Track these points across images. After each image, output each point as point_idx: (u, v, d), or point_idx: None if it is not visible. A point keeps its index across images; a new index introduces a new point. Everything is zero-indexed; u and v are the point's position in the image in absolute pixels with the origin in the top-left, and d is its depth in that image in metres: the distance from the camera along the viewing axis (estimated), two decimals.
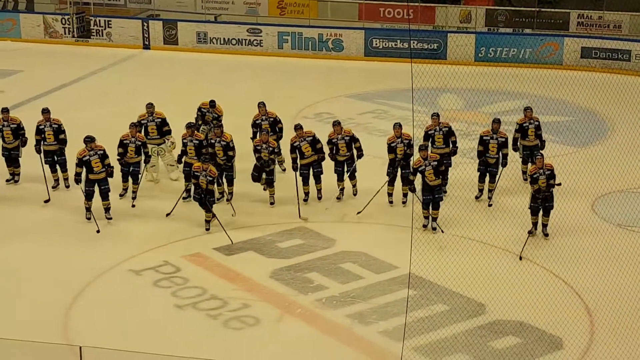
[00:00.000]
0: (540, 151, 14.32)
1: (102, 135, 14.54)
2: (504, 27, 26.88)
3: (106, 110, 20.67)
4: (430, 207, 13.84)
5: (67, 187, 15.53)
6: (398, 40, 25.92)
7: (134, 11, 29.31)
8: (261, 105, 16.15)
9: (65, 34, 27.71)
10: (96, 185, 14.15)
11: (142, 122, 15.62)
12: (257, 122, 16.03)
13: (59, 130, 15.33)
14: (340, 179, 15.08)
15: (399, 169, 14.62)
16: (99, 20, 27.68)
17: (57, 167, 15.45)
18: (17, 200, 15.33)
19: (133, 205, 14.92)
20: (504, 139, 14.80)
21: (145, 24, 27.41)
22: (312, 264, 13.13)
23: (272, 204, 14.98)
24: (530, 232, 13.61)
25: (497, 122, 14.93)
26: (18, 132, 15.38)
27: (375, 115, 20.61)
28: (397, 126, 14.69)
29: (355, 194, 15.21)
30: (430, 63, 22.04)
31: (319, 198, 15.09)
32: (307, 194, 14.99)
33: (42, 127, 15.30)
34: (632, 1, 26.09)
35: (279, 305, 12.02)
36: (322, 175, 15.03)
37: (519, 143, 15.47)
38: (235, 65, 25.27)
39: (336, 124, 15.12)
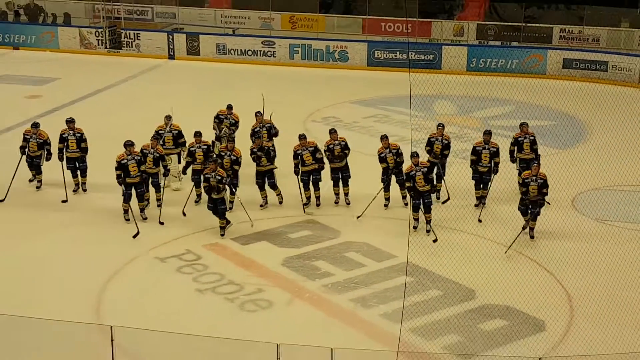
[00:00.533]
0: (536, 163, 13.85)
1: (132, 136, 14.52)
2: (493, 40, 26.84)
3: (135, 114, 20.70)
4: (423, 211, 13.47)
5: (85, 190, 15.31)
6: (398, 52, 25.89)
7: (160, 25, 29.32)
8: (258, 114, 15.90)
9: (98, 45, 27.74)
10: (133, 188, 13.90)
11: (160, 132, 15.23)
12: (255, 130, 15.68)
13: (81, 139, 15.01)
14: (335, 185, 14.73)
15: (393, 176, 14.34)
16: (129, 33, 27.71)
17: (78, 172, 15.19)
18: (43, 201, 15.19)
19: (159, 214, 14.33)
20: (495, 149, 14.36)
21: (171, 37, 27.43)
22: (319, 253, 13.12)
23: (280, 202, 14.76)
24: (524, 227, 13.27)
25: (488, 133, 14.53)
26: (44, 145, 15.14)
27: (377, 119, 20.59)
28: (384, 138, 14.41)
29: (348, 204, 14.75)
30: (426, 72, 22.01)
31: (317, 205, 14.70)
32: (308, 198, 14.67)
33: (66, 135, 14.99)
34: (609, 17, 26.03)
35: (289, 289, 12.02)
36: (320, 183, 14.67)
37: (515, 155, 14.91)
38: (251, 73, 25.26)
39: (332, 131, 14.80)
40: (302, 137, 14.69)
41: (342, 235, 13.70)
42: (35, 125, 15.23)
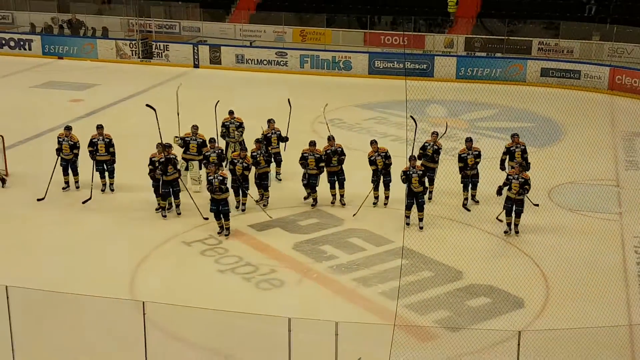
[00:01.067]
0: (526, 172, 13.05)
1: (162, 135, 14.45)
2: (479, 51, 26.76)
3: (165, 115, 20.64)
4: (416, 209, 13.10)
5: (112, 190, 14.91)
6: (395, 62, 25.79)
7: (186, 37, 29.32)
8: (271, 121, 15.53)
9: (132, 55, 27.73)
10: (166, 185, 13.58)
11: (186, 139, 14.84)
12: (267, 135, 15.35)
13: (109, 144, 14.64)
14: (332, 187, 14.28)
15: (382, 177, 13.97)
16: (159, 45, 27.68)
17: (106, 174, 14.82)
18: (80, 198, 15.04)
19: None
20: (477, 152, 13.97)
21: (196, 48, 27.40)
22: (326, 238, 13.11)
23: (265, 205, 14.13)
24: (505, 232, 12.93)
25: (469, 140, 14.05)
26: (73, 148, 14.72)
27: (376, 121, 20.54)
28: (374, 143, 14.09)
29: (343, 204, 14.29)
30: (420, 80, 22.08)
31: (313, 205, 14.23)
32: (309, 194, 14.34)
33: (96, 140, 14.64)
34: (582, 31, 25.93)
35: (299, 270, 12.02)
36: (317, 187, 14.18)
37: (506, 164, 14.13)
38: (266, 81, 25.22)
39: (330, 138, 14.25)
40: (312, 144, 14.22)
41: (345, 223, 13.68)
42: (68, 128, 15.03)
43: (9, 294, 8.63)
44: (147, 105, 14.14)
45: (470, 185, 14.23)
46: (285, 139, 15.62)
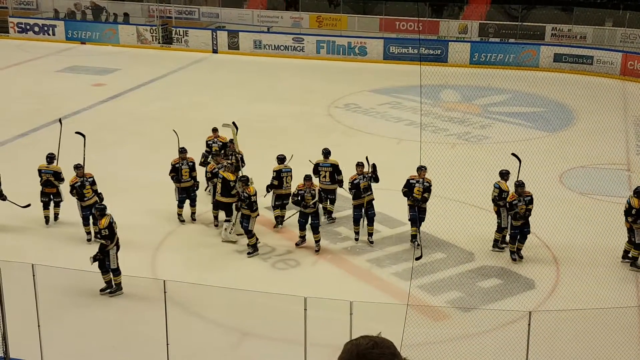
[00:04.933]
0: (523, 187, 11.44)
1: (181, 119, 14.54)
2: (493, 37, 26.51)
3: (184, 99, 20.77)
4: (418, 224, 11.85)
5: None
6: (410, 47, 25.64)
7: (205, 23, 29.28)
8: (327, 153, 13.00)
9: (152, 41, 27.76)
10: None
11: (209, 142, 14.04)
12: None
13: (193, 168, 12.87)
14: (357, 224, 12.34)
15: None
16: (179, 31, 27.68)
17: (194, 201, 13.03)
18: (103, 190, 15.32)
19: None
20: (428, 184, 11.80)
21: (214, 34, 27.37)
22: (340, 220, 13.09)
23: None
24: (514, 260, 11.48)
25: (423, 169, 11.80)
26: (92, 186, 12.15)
27: (391, 105, 20.46)
28: (422, 169, 11.73)
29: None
30: (434, 65, 21.95)
31: (317, 251, 12.07)
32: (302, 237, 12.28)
33: (179, 165, 12.75)
34: (595, 17, 25.62)
35: (314, 252, 12.04)
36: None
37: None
38: (283, 66, 25.19)
39: (307, 178, 11.95)
40: (307, 179, 11.92)
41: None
42: (78, 167, 12.15)
43: (35, 272, 8.74)
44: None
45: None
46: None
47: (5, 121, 18.45)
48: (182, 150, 12.83)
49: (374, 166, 12.02)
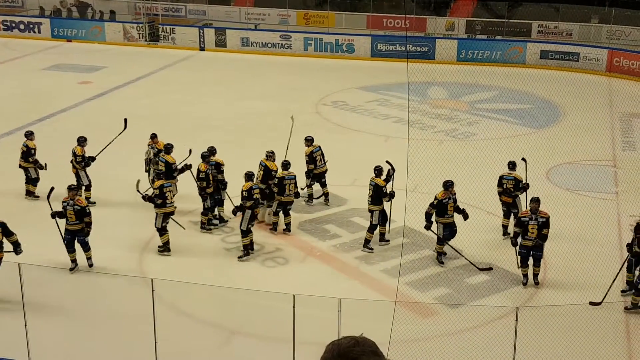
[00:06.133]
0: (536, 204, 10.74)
1: (169, 117, 14.48)
2: (480, 34, 26.61)
3: (171, 97, 20.70)
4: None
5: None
6: (397, 44, 25.68)
7: (192, 21, 29.18)
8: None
9: (139, 38, 27.63)
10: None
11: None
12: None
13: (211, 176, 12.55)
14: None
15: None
16: (166, 28, 27.57)
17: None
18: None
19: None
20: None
21: (201, 31, 27.29)
22: (329, 217, 13.13)
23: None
24: (524, 284, 10.83)
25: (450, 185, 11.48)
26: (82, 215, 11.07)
27: (379, 103, 20.48)
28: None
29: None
30: (422, 62, 21.99)
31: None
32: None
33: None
34: (581, 14, 25.76)
35: (303, 249, 12.06)
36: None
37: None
38: (270, 63, 25.15)
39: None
40: (449, 185, 11.47)
41: (348, 203, 13.68)
42: (72, 188, 11.25)
43: (21, 271, 8.68)
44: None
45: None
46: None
47: None
48: (153, 136, 13.14)
49: (391, 170, 12.02)
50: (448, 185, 11.41)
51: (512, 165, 12.24)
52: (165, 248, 11.80)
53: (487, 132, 15.43)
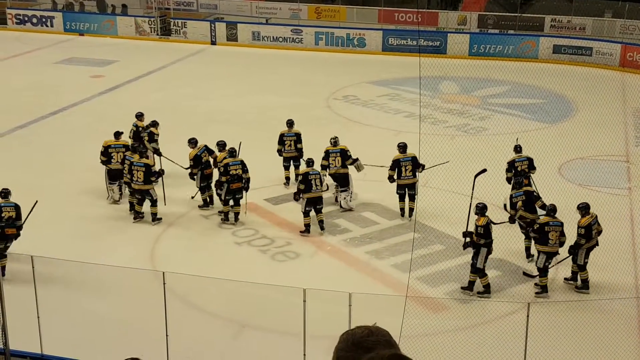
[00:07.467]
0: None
1: (180, 111, 14.51)
2: (492, 28, 26.47)
3: (182, 90, 20.74)
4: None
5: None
6: (409, 39, 25.59)
7: (204, 15, 29.21)
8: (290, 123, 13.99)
9: (151, 32, 27.70)
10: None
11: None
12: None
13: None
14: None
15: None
16: (177, 22, 27.61)
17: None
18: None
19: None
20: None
21: (213, 25, 27.31)
22: (339, 212, 13.12)
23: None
24: (537, 294, 10.48)
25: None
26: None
27: (390, 97, 20.44)
28: (585, 207, 10.91)
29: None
30: (433, 57, 21.91)
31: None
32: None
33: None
34: (594, 9, 25.59)
35: (313, 243, 12.08)
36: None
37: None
38: (281, 57, 25.13)
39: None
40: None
41: (359, 197, 13.66)
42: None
43: (34, 264, 8.75)
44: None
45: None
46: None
47: (3, 113, 18.42)
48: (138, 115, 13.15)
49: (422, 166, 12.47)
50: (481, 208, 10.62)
51: (519, 148, 12.39)
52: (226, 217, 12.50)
53: (499, 127, 15.38)
